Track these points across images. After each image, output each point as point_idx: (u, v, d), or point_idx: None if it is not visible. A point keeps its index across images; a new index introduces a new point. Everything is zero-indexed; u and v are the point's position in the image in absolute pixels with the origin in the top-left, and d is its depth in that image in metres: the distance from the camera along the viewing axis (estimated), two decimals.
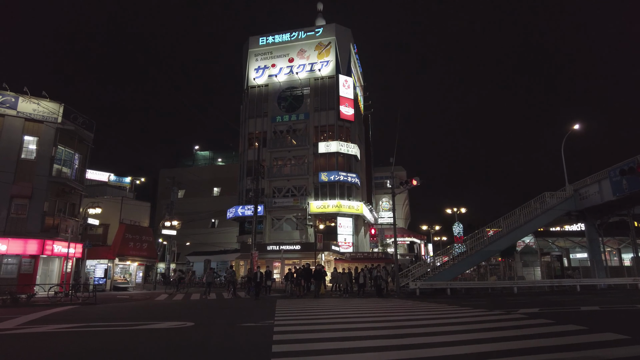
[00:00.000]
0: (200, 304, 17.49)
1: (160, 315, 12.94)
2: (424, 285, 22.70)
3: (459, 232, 40.95)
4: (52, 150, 25.01)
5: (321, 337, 8.08)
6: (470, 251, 24.80)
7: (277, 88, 43.66)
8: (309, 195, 39.36)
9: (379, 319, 11.30)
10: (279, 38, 44.82)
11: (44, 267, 24.39)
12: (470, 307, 14.19)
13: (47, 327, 9.94)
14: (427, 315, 12.04)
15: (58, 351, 7.17)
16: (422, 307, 14.93)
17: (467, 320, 10.63)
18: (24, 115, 24.34)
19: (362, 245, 42.17)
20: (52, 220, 24.67)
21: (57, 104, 25.43)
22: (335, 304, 16.56)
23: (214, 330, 9.58)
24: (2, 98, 23.98)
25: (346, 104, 41.44)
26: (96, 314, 13.12)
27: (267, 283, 23.16)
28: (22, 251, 22.94)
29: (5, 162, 23.51)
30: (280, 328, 9.25)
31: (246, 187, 40.83)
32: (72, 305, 16.40)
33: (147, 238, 31.69)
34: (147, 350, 7.27)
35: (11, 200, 23.42)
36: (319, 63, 42.78)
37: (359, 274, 23.15)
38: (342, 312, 13.25)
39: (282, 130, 42.71)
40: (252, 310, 14.44)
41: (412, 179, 22.25)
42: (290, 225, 40.09)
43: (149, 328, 9.75)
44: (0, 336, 8.77)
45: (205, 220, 51.58)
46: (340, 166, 39.65)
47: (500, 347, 6.96)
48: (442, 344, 7.25)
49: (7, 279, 21.95)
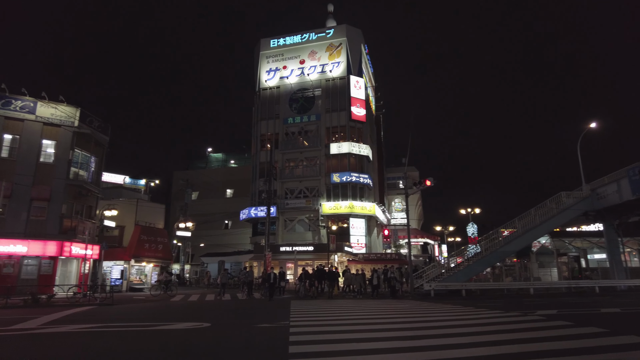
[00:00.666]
0: (216, 305, 17.63)
1: (177, 316, 13.09)
2: (439, 286, 22.55)
3: (473, 233, 40.50)
4: (69, 154, 25.49)
5: (337, 338, 8.10)
6: (485, 252, 24.57)
7: (288, 90, 43.81)
8: (321, 196, 39.39)
9: (394, 320, 11.26)
10: (289, 40, 44.97)
11: (62, 268, 24.86)
12: (486, 309, 14.06)
13: (67, 327, 10.14)
14: (442, 316, 11.96)
15: (80, 351, 7.30)
16: (437, 308, 14.84)
17: (483, 321, 10.54)
18: (42, 119, 24.86)
19: (375, 246, 42.03)
20: (70, 222, 25.13)
21: (74, 108, 25.93)
22: (349, 305, 16.56)
23: (230, 331, 9.65)
24: (21, 103, 24.53)
25: (358, 104, 41.38)
26: (114, 315, 13.33)
27: (280, 284, 23.23)
28: (42, 253, 23.42)
29: (25, 166, 24.06)
30: (296, 329, 9.29)
31: (259, 188, 41.03)
32: (91, 306, 16.69)
33: (162, 239, 32.05)
34: (166, 350, 7.37)
35: (31, 202, 23.93)
36: (330, 64, 42.82)
37: (373, 275, 23.10)
38: (357, 313, 13.24)
39: (294, 132, 42.83)
40: (266, 311, 14.51)
41: (425, 179, 22.14)
42: (302, 227, 40.16)
43: (166, 329, 9.87)
44: (24, 335, 8.98)
45: (218, 222, 51.97)
46: (352, 167, 39.60)
47: (519, 349, 6.89)
48: (459, 346, 7.21)
49: (28, 280, 22.45)
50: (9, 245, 22.36)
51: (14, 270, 22.80)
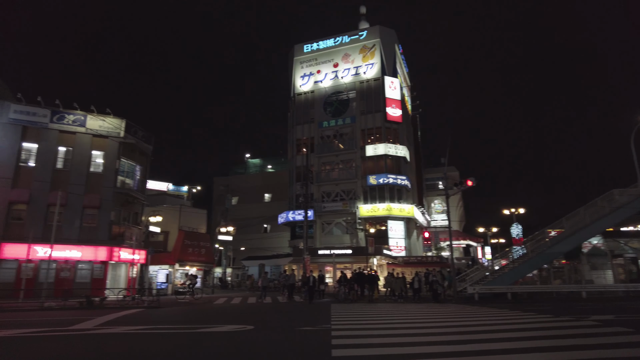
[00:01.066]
0: (257, 308, 17.91)
1: (221, 319, 13.40)
2: (483, 289, 21.86)
3: (518, 234, 38.99)
4: (116, 163, 26.80)
5: (379, 342, 8.02)
6: (531, 253, 23.59)
7: (322, 94, 44.03)
8: (358, 199, 39.22)
9: (437, 324, 11.02)
10: (323, 44, 45.24)
11: (112, 272, 26.10)
12: (535, 313, 13.49)
13: (120, 328, 10.62)
14: (488, 320, 11.58)
15: (133, 351, 7.63)
16: (483, 312, 14.39)
17: (532, 326, 10.11)
18: (91, 131, 26.31)
19: (415, 249, 41.34)
20: (118, 229, 26.39)
21: (120, 119, 27.25)
22: (390, 309, 16.36)
23: (273, 333, 9.78)
24: (73, 117, 26.07)
25: (393, 105, 40.97)
26: (161, 317, 13.83)
27: (320, 287, 23.29)
28: (94, 258, 24.72)
29: (77, 176, 25.54)
30: (338, 332, 9.28)
31: (296, 192, 41.42)
32: (139, 309, 17.40)
33: (204, 244, 32.98)
34: (211, 352, 7.56)
35: (83, 210, 25.34)
36: (364, 66, 42.67)
37: (414, 279, 22.71)
38: (399, 317, 13.06)
39: (329, 135, 42.96)
40: (307, 314, 14.58)
41: (466, 179, 21.55)
42: (340, 230, 40.13)
43: (211, 331, 10.13)
44: (83, 335, 9.52)
45: (258, 226, 52.89)
46: (389, 169, 39.20)
47: (573, 356, 6.56)
48: (507, 351, 6.96)
49: (82, 283, 23.76)
50: (65, 251, 23.78)
51: (70, 274, 24.21)
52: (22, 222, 23.97)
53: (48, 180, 24.85)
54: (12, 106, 25.04)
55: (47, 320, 12.79)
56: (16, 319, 13.35)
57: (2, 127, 24.68)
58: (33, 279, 22.79)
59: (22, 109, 25.24)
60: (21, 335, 9.45)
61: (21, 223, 23.88)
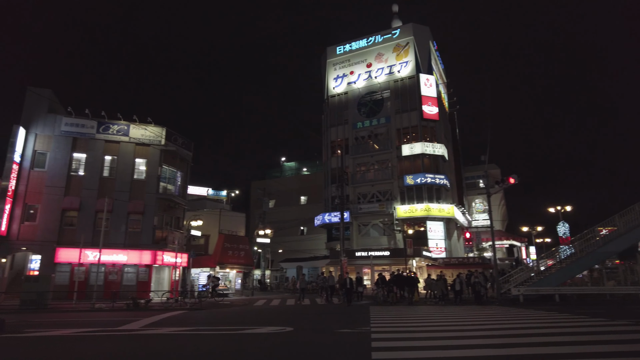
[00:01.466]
0: (296, 310, 18.01)
1: (261, 320, 13.57)
2: (528, 291, 20.96)
3: (565, 233, 37.18)
4: (158, 170, 27.81)
5: (421, 345, 7.84)
6: (580, 253, 22.35)
7: (356, 95, 43.86)
8: (395, 199, 38.70)
9: (481, 327, 10.64)
10: (355, 45, 45.10)
11: (156, 275, 27.07)
12: (587, 316, 12.76)
13: (165, 329, 10.97)
14: (535, 323, 11.06)
15: (179, 351, 7.85)
16: (529, 314, 13.78)
17: (584, 330, 9.56)
18: (134, 140, 27.46)
19: (456, 250, 40.27)
20: (161, 233, 27.35)
21: (161, 127, 28.28)
22: (431, 312, 15.99)
23: (312, 335, 9.77)
24: (117, 127, 27.32)
25: (429, 102, 40.18)
26: (203, 319, 14.17)
27: (358, 289, 23.11)
28: (139, 261, 25.75)
29: (122, 183, 26.74)
30: (377, 335, 9.15)
31: (331, 194, 41.43)
32: (182, 310, 17.92)
33: (243, 246, 33.59)
34: (252, 353, 7.64)
35: (128, 216, 26.48)
36: (398, 65, 42.14)
37: (455, 280, 22.10)
38: (440, 319, 12.73)
39: (364, 136, 42.69)
40: (346, 316, 14.49)
41: (509, 177, 20.77)
42: (377, 231, 39.74)
43: (251, 332, 10.26)
44: (130, 335, 9.92)
45: (294, 228, 53.33)
46: (426, 168, 38.45)
47: None
48: (558, 357, 6.60)
49: (129, 286, 24.79)
50: (112, 255, 24.92)
51: (117, 277, 25.35)
52: (73, 228, 25.34)
53: (96, 188, 26.16)
54: (63, 119, 26.57)
55: (98, 321, 13.42)
56: (71, 319, 14.10)
57: (55, 139, 26.24)
58: (84, 281, 24.10)
59: (72, 121, 26.73)
60: (76, 335, 9.96)
61: (73, 229, 25.26)
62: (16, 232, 24.41)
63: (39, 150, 25.98)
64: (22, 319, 13.80)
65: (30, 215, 25.09)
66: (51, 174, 25.76)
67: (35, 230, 24.79)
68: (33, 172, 25.55)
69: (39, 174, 25.66)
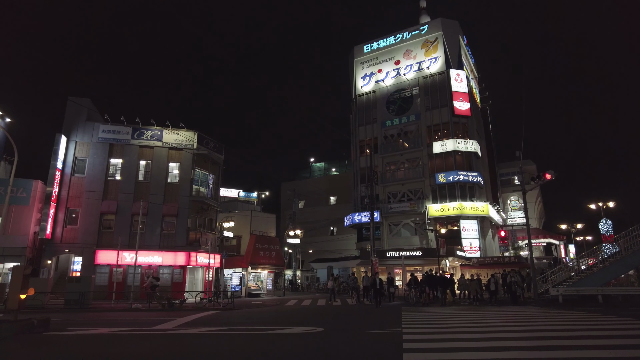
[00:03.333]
0: (327, 310, 18.00)
1: (292, 320, 13.63)
2: (568, 291, 20.12)
3: (608, 230, 35.36)
4: (190, 173, 28.47)
5: (454, 347, 7.64)
6: (625, 252, 21.22)
7: (384, 93, 43.42)
8: (426, 198, 38.04)
9: (518, 328, 10.27)
10: (383, 43, 44.68)
11: (190, 276, 27.70)
12: (634, 318, 12.08)
13: (199, 329, 11.20)
14: (576, 325, 10.59)
15: (212, 351, 7.99)
16: (569, 316, 13.19)
17: (629, 333, 9.05)
18: (168, 145, 28.23)
19: (491, 250, 39.12)
20: (194, 235, 27.97)
21: (193, 132, 28.95)
22: (465, 312, 15.59)
23: (343, 336, 9.72)
24: (151, 132, 28.18)
25: (460, 98, 39.26)
26: (236, 319, 14.38)
27: (390, 290, 22.85)
28: (173, 262, 26.44)
29: (156, 187, 27.54)
30: (409, 336, 9.00)
31: (361, 194, 41.18)
32: (215, 310, 18.26)
33: (274, 247, 33.89)
34: (285, 352, 7.68)
35: (162, 218, 27.23)
36: (427, 61, 41.43)
37: (490, 280, 21.48)
38: (474, 320, 12.38)
39: (393, 134, 42.20)
40: (377, 317, 14.35)
41: (544, 172, 20.00)
42: (408, 231, 39.17)
43: (283, 332, 10.32)
44: (165, 335, 10.20)
45: (324, 228, 53.38)
46: (458, 165, 37.57)
47: None
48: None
49: (164, 287, 25.43)
50: (148, 257, 25.69)
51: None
52: (111, 230, 26.33)
53: (131, 191, 27.06)
54: (101, 126, 27.67)
55: (135, 321, 13.87)
56: (110, 319, 14.64)
57: (93, 145, 27.37)
58: (122, 282, 24.95)
59: (109, 128, 27.79)
60: (115, 333, 10.33)
61: (111, 232, 26.24)
62: (59, 235, 25.61)
63: (79, 157, 27.16)
64: (65, 318, 14.45)
65: (72, 219, 26.26)
66: (90, 179, 26.87)
67: (76, 233, 25.92)
68: (74, 178, 26.74)
69: (79, 179, 26.82)
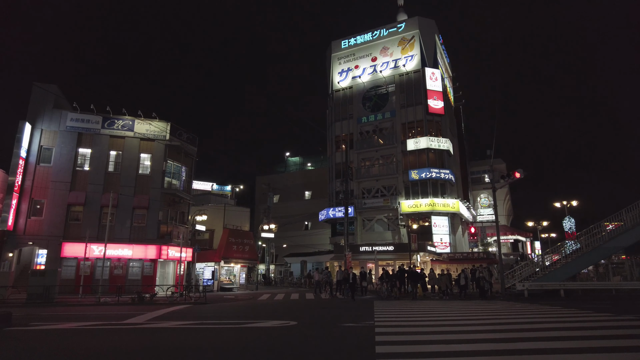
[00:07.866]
0: (300, 304, 18.05)
1: (265, 315, 13.61)
2: (533, 286, 20.91)
3: (571, 228, 36.92)
4: (162, 165, 27.86)
5: (425, 339, 7.82)
6: (586, 248, 22.22)
7: (361, 89, 43.65)
8: (400, 194, 38.60)
9: (485, 321, 10.61)
10: (360, 39, 44.82)
11: (161, 270, 27.20)
12: (592, 311, 12.68)
13: (169, 323, 11.03)
14: (540, 318, 11.02)
15: (183, 345, 7.89)
16: (533, 309, 13.72)
17: (590, 325, 9.49)
18: (139, 135, 27.52)
19: (460, 245, 40.15)
20: (166, 228, 27.46)
21: (165, 122, 28.31)
22: (435, 306, 15.97)
23: (316, 329, 9.79)
24: (122, 122, 27.39)
25: (434, 97, 39.92)
26: (208, 313, 14.23)
27: (362, 284, 23.14)
28: (144, 256, 25.89)
29: (127, 178, 26.83)
30: (381, 329, 9.15)
31: (336, 189, 41.37)
32: (187, 305, 18.01)
33: (248, 241, 33.68)
34: (256, 346, 7.67)
35: (133, 211, 26.58)
36: (403, 58, 41.87)
37: (460, 275, 22.06)
38: (444, 314, 12.70)
39: (369, 131, 42.52)
40: (350, 311, 14.51)
41: (514, 171, 20.63)
42: (381, 226, 39.69)
43: (255, 326, 10.29)
44: (136, 329, 10.00)
45: (299, 223, 53.39)
46: (431, 162, 38.28)
47: (639, 357, 6.07)
48: (562, 351, 6.56)
49: (133, 280, 24.95)
50: (117, 249, 25.06)
51: (123, 271, 25.51)
52: (79, 222, 25.50)
53: (101, 183, 26.27)
54: (69, 115, 26.66)
55: (104, 315, 13.53)
56: (78, 313, 14.23)
57: (61, 134, 26.35)
58: (90, 276, 24.29)
59: (78, 116, 26.82)
60: (82, 328, 10.04)
61: (78, 224, 25.41)
62: (22, 226, 24.59)
63: (45, 146, 26.11)
64: (28, 313, 13.95)
65: (36, 210, 25.27)
66: (57, 169, 25.90)
67: (41, 225, 24.97)
68: (39, 167, 25.70)
69: (45, 169, 25.81)
